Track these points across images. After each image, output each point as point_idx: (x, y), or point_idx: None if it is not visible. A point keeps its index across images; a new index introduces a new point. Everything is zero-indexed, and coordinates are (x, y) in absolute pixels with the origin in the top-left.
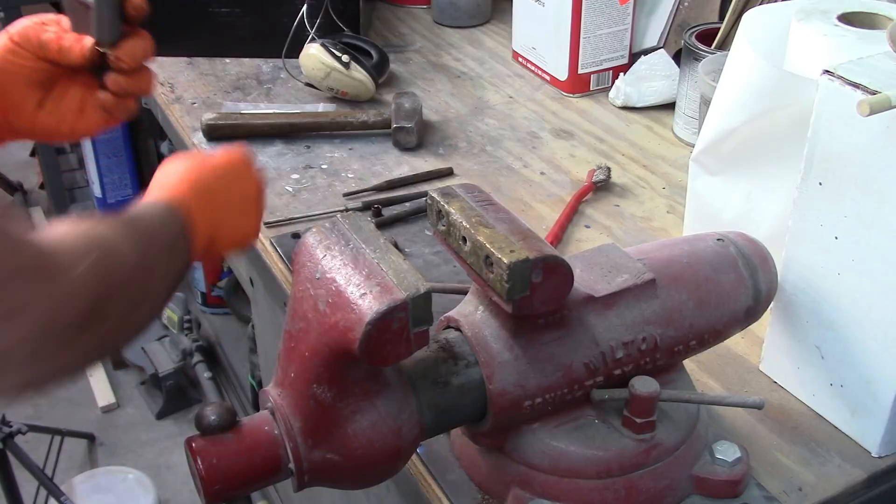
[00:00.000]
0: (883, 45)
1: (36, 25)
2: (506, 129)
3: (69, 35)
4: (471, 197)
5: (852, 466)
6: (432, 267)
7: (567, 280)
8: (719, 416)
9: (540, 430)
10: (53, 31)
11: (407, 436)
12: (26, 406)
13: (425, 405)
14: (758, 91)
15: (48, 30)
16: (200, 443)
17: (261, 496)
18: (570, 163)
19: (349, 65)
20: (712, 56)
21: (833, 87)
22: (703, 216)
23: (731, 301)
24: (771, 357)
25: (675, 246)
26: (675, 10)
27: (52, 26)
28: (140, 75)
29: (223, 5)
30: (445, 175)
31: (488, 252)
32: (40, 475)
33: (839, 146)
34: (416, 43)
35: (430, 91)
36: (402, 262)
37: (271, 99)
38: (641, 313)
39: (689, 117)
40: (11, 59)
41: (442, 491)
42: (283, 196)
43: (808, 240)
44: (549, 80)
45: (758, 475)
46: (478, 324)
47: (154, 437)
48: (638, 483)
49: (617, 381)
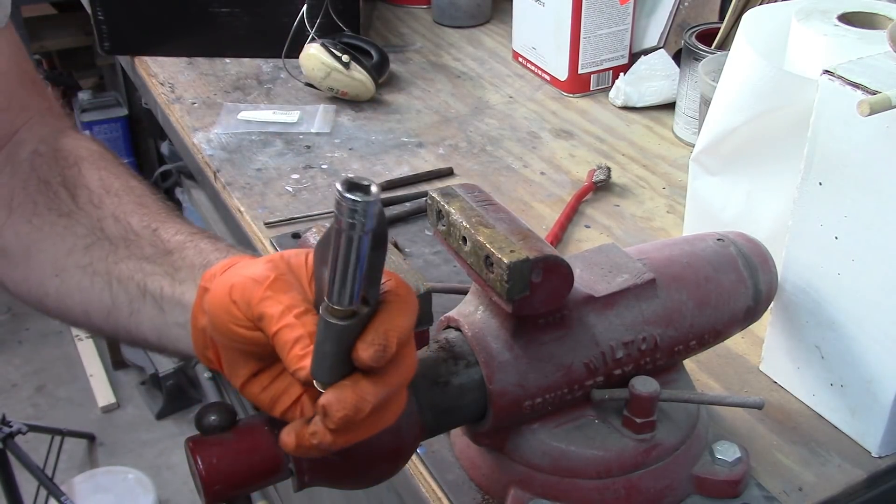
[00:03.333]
0: (883, 45)
1: (259, 285)
2: (506, 129)
3: (292, 324)
4: (471, 197)
5: (852, 466)
6: (432, 267)
7: (567, 280)
8: (719, 416)
9: (540, 430)
10: (278, 307)
11: (407, 436)
12: (26, 406)
13: (425, 405)
14: (758, 91)
15: (272, 300)
16: (200, 443)
17: (261, 496)
18: (570, 163)
19: (349, 65)
20: (712, 56)
21: (833, 87)
22: (703, 216)
23: (731, 301)
24: (771, 357)
25: (675, 246)
26: (675, 10)
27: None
28: (349, 433)
29: (223, 5)
30: (445, 175)
31: (488, 252)
32: (40, 475)
33: (839, 146)
34: (416, 43)
35: (430, 91)
36: (402, 262)
37: (271, 99)
38: (641, 313)
39: (689, 117)
40: (225, 318)
41: (442, 491)
42: (283, 196)
43: (808, 240)
44: (549, 80)
45: (758, 475)
46: (478, 324)
47: (154, 437)
48: (638, 483)
49: (617, 381)
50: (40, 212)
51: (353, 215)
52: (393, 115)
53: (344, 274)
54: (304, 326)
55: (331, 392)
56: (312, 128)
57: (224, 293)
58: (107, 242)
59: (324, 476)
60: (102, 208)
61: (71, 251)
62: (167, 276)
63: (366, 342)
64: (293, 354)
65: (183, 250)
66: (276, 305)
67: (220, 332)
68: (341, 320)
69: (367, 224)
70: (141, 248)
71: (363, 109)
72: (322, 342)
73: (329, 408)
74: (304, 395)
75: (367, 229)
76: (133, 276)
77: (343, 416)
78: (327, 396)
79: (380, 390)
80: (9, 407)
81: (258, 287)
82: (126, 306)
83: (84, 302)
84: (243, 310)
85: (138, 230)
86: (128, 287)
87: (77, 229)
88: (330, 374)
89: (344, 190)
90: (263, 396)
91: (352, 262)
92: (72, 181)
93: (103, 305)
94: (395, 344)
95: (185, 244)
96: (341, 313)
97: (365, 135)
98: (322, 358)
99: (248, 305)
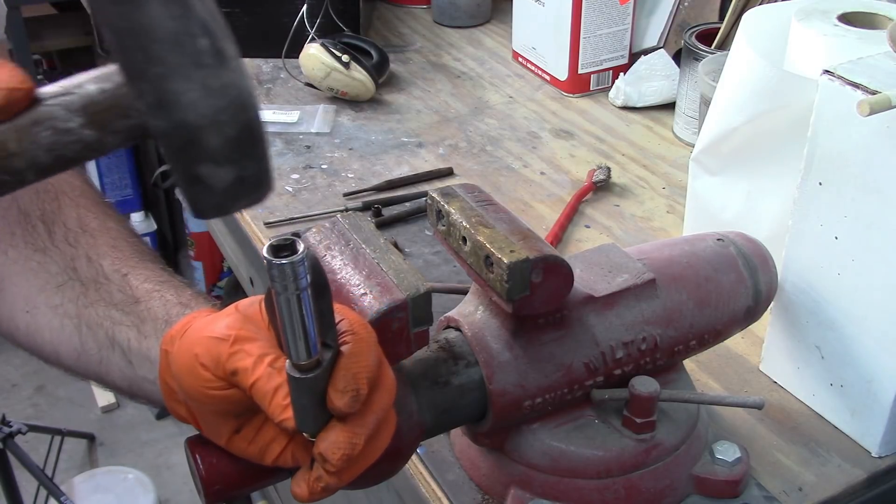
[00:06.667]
0: (883, 45)
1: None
2: (506, 129)
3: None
4: (471, 197)
5: (852, 466)
6: (432, 267)
7: (567, 280)
8: (719, 416)
9: (540, 430)
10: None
11: (407, 436)
12: (26, 406)
13: (425, 405)
14: (758, 91)
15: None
16: (200, 443)
17: (261, 496)
18: (570, 163)
19: (349, 65)
20: (712, 56)
21: (833, 87)
22: (703, 216)
23: (731, 301)
24: (771, 357)
25: (675, 246)
26: (675, 10)
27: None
28: (351, 469)
29: (223, 5)
30: (445, 175)
31: (488, 252)
32: (40, 475)
33: (839, 146)
34: (416, 43)
35: (430, 91)
36: (402, 262)
37: (271, 99)
38: (641, 313)
39: (689, 117)
40: (196, 384)
41: (442, 491)
42: (283, 196)
43: (808, 240)
44: (549, 80)
45: (758, 475)
46: (478, 324)
47: (154, 437)
48: (638, 483)
49: (617, 381)
50: (17, 244)
51: (285, 279)
52: (393, 115)
53: (294, 332)
54: (280, 374)
55: (322, 440)
56: (312, 128)
57: (190, 359)
58: (78, 284)
59: None
60: (77, 248)
61: (42, 288)
62: (133, 328)
63: (337, 391)
64: (275, 405)
65: (149, 300)
66: (246, 358)
67: (194, 398)
68: (307, 373)
69: (301, 282)
70: (111, 293)
71: (363, 109)
72: (297, 398)
73: (326, 454)
74: (292, 441)
75: (301, 287)
76: (102, 323)
77: (341, 458)
78: (321, 445)
79: (368, 422)
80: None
81: (223, 345)
82: (95, 353)
83: (54, 342)
84: (214, 371)
85: (109, 274)
86: (97, 334)
87: (50, 267)
88: (315, 424)
89: (271, 256)
90: (251, 450)
91: (297, 321)
92: (50, 216)
93: (72, 348)
94: (366, 384)
95: (151, 294)
96: (305, 367)
97: (365, 135)
98: (302, 411)
99: (218, 365)
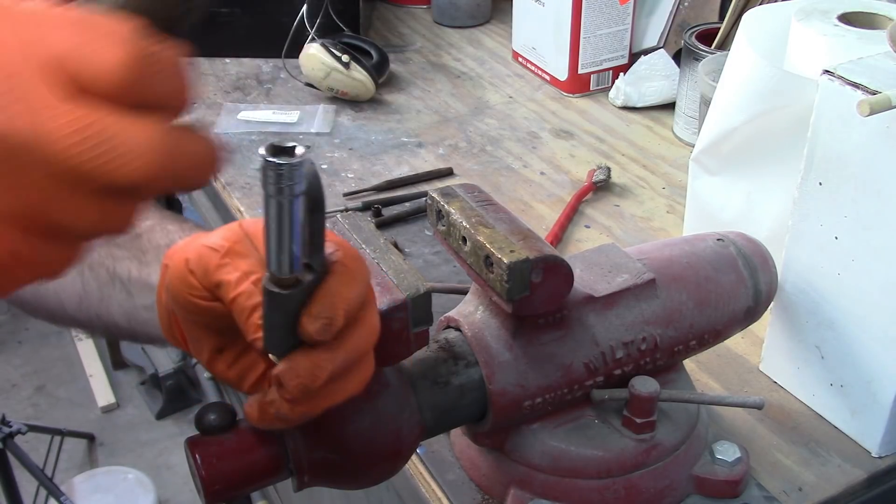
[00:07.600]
0: (883, 45)
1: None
2: (506, 129)
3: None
4: (471, 197)
5: (852, 466)
6: (432, 267)
7: (567, 280)
8: (719, 416)
9: (540, 430)
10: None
11: (407, 436)
12: (26, 406)
13: (425, 405)
14: (758, 91)
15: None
16: (200, 443)
17: (261, 496)
18: (570, 163)
19: (349, 65)
20: (712, 56)
21: (833, 87)
22: (703, 216)
23: (731, 301)
24: (771, 357)
25: (675, 246)
26: (675, 10)
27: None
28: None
29: (223, 5)
30: (445, 175)
31: (488, 252)
32: (40, 475)
33: (839, 146)
34: (416, 43)
35: (430, 91)
36: (402, 262)
37: (271, 99)
38: (641, 313)
39: (689, 117)
40: (183, 289)
41: (442, 491)
42: None
43: (808, 240)
44: (549, 80)
45: (758, 475)
46: (478, 324)
47: (154, 437)
48: (638, 483)
49: (617, 381)
50: None
51: (280, 180)
52: (393, 115)
53: (279, 241)
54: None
55: (284, 362)
56: (312, 128)
57: (181, 264)
58: None
59: (324, 476)
60: None
61: None
62: (135, 260)
63: (311, 315)
64: (251, 322)
65: (151, 233)
66: (233, 272)
67: (179, 304)
68: (284, 289)
69: (296, 187)
70: None
71: (363, 109)
72: (269, 313)
73: (283, 377)
74: (269, 367)
75: (296, 193)
76: (103, 261)
77: (298, 385)
78: (280, 367)
79: (337, 356)
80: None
81: (215, 255)
82: (96, 292)
83: (57, 290)
84: (200, 279)
85: None
86: (98, 273)
87: None
88: (282, 346)
89: (268, 154)
90: (231, 373)
91: (285, 229)
92: None
93: (75, 292)
94: (342, 316)
95: (153, 227)
96: (283, 282)
97: (365, 135)
98: (271, 329)
99: (206, 274)
